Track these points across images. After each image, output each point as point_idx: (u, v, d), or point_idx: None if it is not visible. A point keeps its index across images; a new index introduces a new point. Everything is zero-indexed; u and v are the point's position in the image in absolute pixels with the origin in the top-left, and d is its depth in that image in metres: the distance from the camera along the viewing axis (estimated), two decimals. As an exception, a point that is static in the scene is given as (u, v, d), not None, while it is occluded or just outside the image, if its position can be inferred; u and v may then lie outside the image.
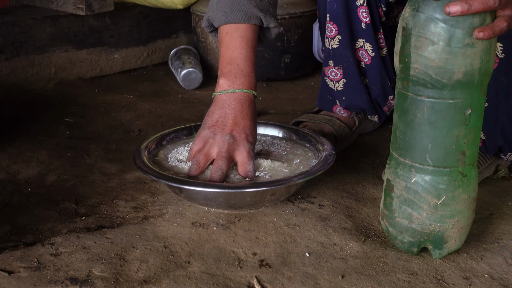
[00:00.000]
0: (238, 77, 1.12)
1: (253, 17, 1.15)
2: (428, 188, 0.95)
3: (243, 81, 1.12)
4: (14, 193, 1.24)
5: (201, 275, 0.97)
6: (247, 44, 1.14)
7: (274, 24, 1.18)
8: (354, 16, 1.35)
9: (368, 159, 1.44)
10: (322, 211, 1.17)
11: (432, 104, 0.91)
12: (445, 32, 0.86)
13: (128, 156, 1.43)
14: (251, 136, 1.11)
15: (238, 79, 1.12)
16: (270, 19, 1.17)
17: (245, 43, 1.14)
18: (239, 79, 1.12)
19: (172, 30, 2.25)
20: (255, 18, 1.16)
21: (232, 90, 1.12)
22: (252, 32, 1.16)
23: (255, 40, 1.17)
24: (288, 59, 2.05)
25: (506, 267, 1.01)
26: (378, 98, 1.46)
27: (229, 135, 1.09)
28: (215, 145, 1.10)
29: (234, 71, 1.13)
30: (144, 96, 1.90)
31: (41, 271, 0.97)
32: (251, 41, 1.15)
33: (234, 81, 1.12)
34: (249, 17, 1.15)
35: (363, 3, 1.33)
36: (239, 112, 1.10)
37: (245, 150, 1.09)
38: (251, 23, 1.15)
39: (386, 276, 0.98)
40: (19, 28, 1.88)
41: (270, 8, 1.18)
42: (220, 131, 1.10)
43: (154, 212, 1.17)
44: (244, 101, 1.12)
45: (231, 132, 1.09)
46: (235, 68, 1.13)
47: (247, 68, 1.13)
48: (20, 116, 1.67)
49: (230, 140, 1.08)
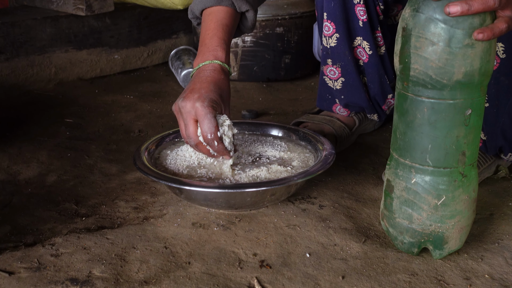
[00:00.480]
0: (204, 54, 1.18)
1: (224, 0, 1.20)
2: (428, 189, 0.95)
3: (208, 56, 1.17)
4: (14, 193, 1.24)
5: (202, 276, 0.97)
6: (215, 23, 1.19)
7: (246, 8, 1.22)
8: (351, 14, 1.35)
9: (368, 159, 1.44)
10: (322, 212, 1.17)
11: (432, 105, 0.91)
12: (445, 33, 0.86)
13: (128, 156, 1.43)
14: (205, 93, 1.10)
15: (204, 55, 1.17)
16: (241, 2, 1.21)
17: (213, 23, 1.20)
18: (205, 55, 1.17)
19: (172, 31, 2.25)
20: (226, 0, 1.20)
21: (198, 67, 1.17)
22: (225, 13, 1.21)
23: (227, 18, 1.21)
24: (288, 60, 2.05)
25: (507, 268, 1.01)
26: (377, 97, 1.46)
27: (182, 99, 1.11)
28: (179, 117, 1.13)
29: (203, 50, 1.18)
30: (144, 97, 1.90)
31: (42, 272, 0.97)
32: (220, 20, 1.20)
33: (202, 58, 1.18)
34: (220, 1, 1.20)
35: (360, 1, 1.33)
36: (197, 79, 1.14)
37: (198, 107, 1.09)
38: (222, 5, 1.20)
39: (387, 276, 0.98)
40: (19, 28, 1.88)
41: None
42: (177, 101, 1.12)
43: (154, 212, 1.17)
44: (206, 69, 1.15)
45: (185, 96, 1.11)
46: (203, 48, 1.19)
47: (213, 44, 1.18)
48: (20, 116, 1.68)
49: (182, 103, 1.10)
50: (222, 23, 1.20)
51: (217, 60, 1.16)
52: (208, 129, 1.08)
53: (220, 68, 1.16)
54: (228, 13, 1.21)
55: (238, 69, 2.04)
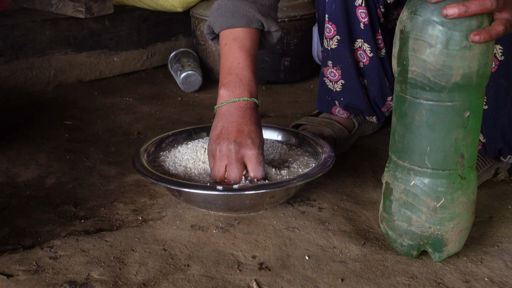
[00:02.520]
0: (237, 87, 1.13)
1: (254, 20, 1.16)
2: (427, 191, 0.95)
3: (243, 90, 1.13)
4: (13, 196, 1.24)
5: (201, 278, 0.97)
6: (245, 54, 1.15)
7: (276, 28, 1.20)
8: (353, 16, 1.35)
9: (368, 162, 1.44)
10: (321, 214, 1.17)
11: (431, 107, 0.91)
12: (443, 35, 0.86)
13: (127, 158, 1.43)
14: (257, 140, 1.10)
15: (238, 88, 1.13)
16: (271, 22, 1.18)
17: (243, 52, 1.15)
18: (239, 88, 1.13)
19: (172, 33, 2.25)
20: (257, 21, 1.17)
21: (232, 100, 1.12)
22: (251, 38, 1.17)
23: (255, 47, 1.18)
24: (288, 62, 2.05)
25: (506, 271, 1.01)
26: (376, 99, 1.46)
27: (234, 142, 1.09)
28: (223, 157, 1.10)
29: (234, 81, 1.13)
30: (144, 99, 1.90)
31: (40, 274, 0.97)
32: (249, 50, 1.16)
33: (234, 90, 1.13)
34: (250, 21, 1.16)
35: (361, 3, 1.33)
36: (241, 119, 1.11)
37: (253, 155, 1.09)
38: (252, 26, 1.16)
39: (386, 279, 0.98)
40: (19, 31, 1.88)
41: (271, 12, 1.19)
42: (225, 141, 1.10)
43: (153, 215, 1.17)
44: (246, 108, 1.12)
45: (235, 139, 1.09)
46: (234, 78, 1.14)
47: (246, 77, 1.14)
48: (19, 119, 1.67)
49: (236, 147, 1.09)
50: (251, 54, 1.15)
51: (254, 98, 1.13)
52: (261, 175, 1.10)
53: (256, 107, 1.14)
54: (255, 39, 1.17)
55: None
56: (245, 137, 1.09)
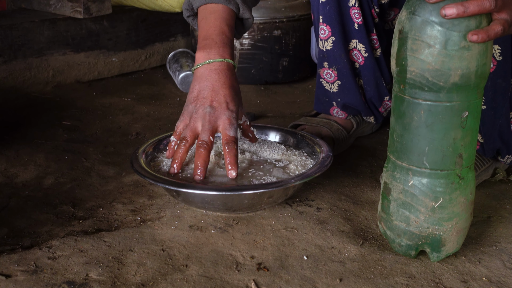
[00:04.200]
0: (212, 48, 1.15)
1: (232, 2, 1.19)
2: (425, 191, 0.95)
3: (218, 51, 1.15)
4: (11, 196, 1.24)
5: (199, 279, 0.97)
6: (221, 22, 1.17)
7: (248, 15, 1.22)
8: (347, 17, 1.36)
9: (366, 162, 1.44)
10: (320, 214, 1.17)
11: (429, 107, 0.91)
12: (441, 35, 0.86)
13: (125, 159, 1.43)
14: (231, 103, 1.13)
15: (213, 50, 1.15)
16: (246, 9, 1.21)
17: (219, 21, 1.18)
18: (214, 50, 1.15)
19: (170, 33, 2.25)
20: (234, 3, 1.19)
21: (207, 62, 1.15)
22: (227, 13, 1.19)
23: (230, 19, 1.19)
24: (286, 62, 2.05)
25: (504, 270, 1.01)
26: (373, 99, 1.46)
27: (209, 106, 1.12)
28: (198, 120, 1.12)
29: (209, 44, 1.16)
30: (142, 99, 1.90)
31: (39, 275, 0.97)
32: (225, 20, 1.18)
33: (209, 52, 1.15)
34: (228, 1, 1.19)
35: (355, 4, 1.34)
36: (216, 82, 1.13)
37: (226, 118, 1.11)
38: (229, 6, 1.19)
39: (384, 279, 0.98)
40: (17, 31, 1.88)
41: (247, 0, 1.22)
42: (201, 104, 1.12)
43: (151, 215, 1.17)
44: (221, 69, 1.14)
45: (210, 103, 1.12)
46: (209, 41, 1.16)
47: (221, 40, 1.16)
48: (17, 119, 1.67)
49: (210, 111, 1.11)
50: (227, 23, 1.18)
51: (229, 59, 1.15)
52: (232, 135, 1.11)
53: (233, 68, 1.16)
54: (231, 15, 1.20)
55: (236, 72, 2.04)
56: (220, 101, 1.12)
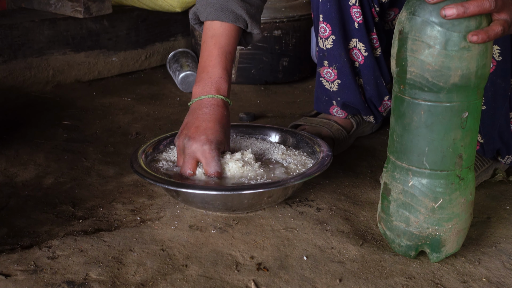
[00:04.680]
0: (207, 84, 1.18)
1: (240, 19, 1.20)
2: (425, 192, 0.95)
3: (211, 87, 1.18)
4: (11, 196, 1.24)
5: (199, 279, 0.97)
6: (219, 51, 1.19)
7: (257, 32, 1.23)
8: (347, 16, 1.36)
9: (366, 162, 1.44)
10: (319, 215, 1.17)
11: (429, 108, 0.91)
12: (441, 36, 0.86)
13: (125, 159, 1.43)
14: (212, 136, 1.13)
15: (207, 85, 1.18)
16: (255, 25, 1.22)
17: (217, 49, 1.19)
18: (208, 86, 1.18)
19: (170, 33, 2.25)
20: (242, 21, 1.20)
21: (199, 98, 1.17)
22: (230, 35, 1.20)
23: (232, 44, 1.21)
24: (286, 62, 2.05)
25: (504, 271, 1.01)
26: (373, 98, 1.46)
27: (187, 138, 1.14)
28: (180, 152, 1.16)
29: (204, 79, 1.18)
30: (142, 99, 1.90)
31: (38, 274, 0.97)
32: (224, 47, 1.19)
33: (203, 88, 1.18)
34: (236, 19, 1.19)
35: (355, 3, 1.34)
36: (203, 116, 1.15)
37: (204, 150, 1.12)
38: (237, 25, 1.20)
39: (384, 279, 0.98)
40: (17, 30, 1.88)
41: (257, 14, 1.23)
42: (182, 137, 1.15)
43: (151, 215, 1.17)
44: (210, 105, 1.16)
45: (190, 135, 1.14)
46: (205, 76, 1.19)
47: (216, 75, 1.18)
48: (17, 119, 1.67)
49: (188, 143, 1.13)
50: (225, 51, 1.19)
51: (220, 95, 1.17)
52: (214, 170, 1.12)
53: (223, 104, 1.17)
54: (234, 36, 1.20)
55: (236, 72, 2.04)
56: (200, 133, 1.13)
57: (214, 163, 1.12)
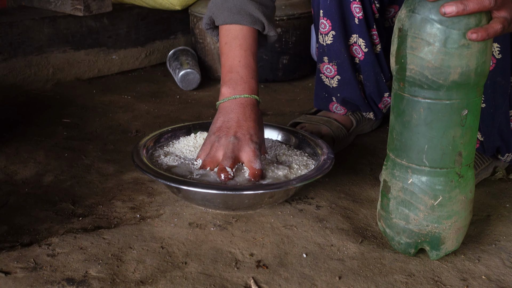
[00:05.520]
0: (238, 84, 1.16)
1: (258, 22, 1.19)
2: (424, 189, 0.95)
3: (244, 87, 1.16)
4: (11, 193, 1.24)
5: (198, 276, 0.97)
6: (246, 52, 1.18)
7: (274, 33, 1.23)
8: (347, 11, 1.36)
9: (366, 160, 1.44)
10: (319, 212, 1.17)
11: (428, 105, 0.91)
12: (441, 33, 0.86)
13: (125, 156, 1.43)
14: (255, 136, 1.13)
15: (239, 85, 1.16)
16: (271, 27, 1.22)
17: (244, 51, 1.18)
18: (240, 86, 1.16)
19: (170, 31, 2.25)
20: (260, 23, 1.20)
21: (233, 97, 1.15)
22: (252, 37, 1.20)
23: (255, 45, 1.20)
24: (286, 60, 2.05)
25: (504, 269, 1.01)
26: (373, 95, 1.46)
27: (233, 136, 1.12)
28: (220, 148, 1.13)
29: (235, 79, 1.17)
30: (142, 97, 1.90)
31: (38, 272, 0.97)
32: (249, 48, 1.19)
33: (235, 88, 1.16)
34: (254, 21, 1.19)
35: None
36: (241, 115, 1.14)
37: (250, 149, 1.12)
38: (255, 27, 1.19)
39: (383, 277, 0.98)
40: (17, 28, 1.88)
41: (272, 16, 1.23)
42: (224, 134, 1.13)
43: (151, 212, 1.17)
44: (246, 105, 1.15)
45: (235, 134, 1.12)
46: (235, 76, 1.17)
47: (247, 75, 1.17)
48: (17, 117, 1.67)
49: (234, 141, 1.12)
50: (252, 52, 1.19)
51: (255, 95, 1.16)
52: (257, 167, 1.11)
53: (257, 104, 1.17)
54: (254, 38, 1.20)
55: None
56: (244, 133, 1.12)
57: (258, 161, 1.11)
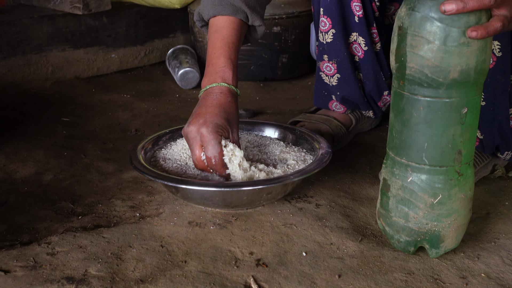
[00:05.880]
0: (211, 75, 1.19)
1: (240, 11, 1.20)
2: (424, 187, 0.95)
3: (215, 77, 1.18)
4: (10, 192, 1.24)
5: (198, 274, 0.97)
6: (222, 42, 1.19)
7: (259, 23, 1.23)
8: (348, 10, 1.36)
9: (365, 158, 1.44)
10: (319, 211, 1.17)
11: (428, 103, 0.91)
12: (441, 31, 0.86)
13: (125, 155, 1.43)
14: (210, 119, 1.11)
15: (212, 76, 1.18)
16: (255, 16, 1.22)
17: (220, 41, 1.20)
18: (212, 76, 1.18)
19: (170, 30, 2.25)
20: (242, 12, 1.21)
21: (205, 88, 1.18)
22: (232, 27, 1.21)
23: (233, 35, 1.21)
24: (286, 59, 2.05)
25: (503, 267, 1.01)
26: (372, 93, 1.46)
27: (188, 123, 1.13)
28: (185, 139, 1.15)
29: (210, 71, 1.19)
30: (141, 96, 1.90)
31: (38, 270, 0.97)
32: (226, 38, 1.20)
33: (208, 79, 1.19)
34: (236, 11, 1.20)
35: None
36: (205, 103, 1.15)
37: (203, 134, 1.10)
38: (237, 17, 1.20)
39: (383, 275, 0.98)
40: (16, 27, 1.88)
41: (257, 7, 1.23)
42: (186, 125, 1.14)
43: (150, 211, 1.17)
44: (214, 92, 1.16)
45: (191, 122, 1.12)
46: (210, 68, 1.20)
47: (220, 65, 1.18)
48: (17, 115, 1.67)
49: (189, 129, 1.12)
50: (228, 41, 1.19)
51: (224, 83, 1.16)
52: (211, 154, 1.10)
53: (227, 91, 1.17)
54: (236, 28, 1.21)
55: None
56: (199, 118, 1.12)
57: (211, 146, 1.09)
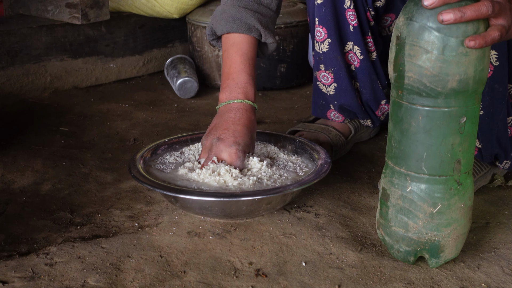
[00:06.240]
0: (233, 90, 1.21)
1: (253, 29, 1.23)
2: (423, 197, 0.95)
3: (238, 92, 1.21)
4: (8, 202, 1.24)
5: (197, 285, 0.97)
6: (242, 57, 1.23)
7: (272, 40, 1.26)
8: (342, 19, 1.37)
9: (364, 168, 1.44)
10: (318, 220, 1.17)
11: (427, 113, 0.91)
12: (439, 41, 0.86)
13: (123, 165, 1.42)
14: (240, 138, 1.16)
15: (234, 91, 1.21)
16: (268, 34, 1.25)
17: (240, 56, 1.22)
18: (235, 91, 1.21)
19: (168, 40, 2.25)
20: (256, 31, 1.23)
21: (227, 102, 1.20)
22: (249, 44, 1.24)
23: (252, 51, 1.24)
24: (284, 69, 2.05)
25: (503, 276, 1.01)
26: (369, 102, 1.47)
27: (216, 138, 1.17)
28: (205, 150, 1.19)
29: (231, 85, 1.22)
30: (140, 105, 1.90)
31: (36, 281, 0.96)
32: (246, 54, 1.23)
33: (230, 93, 1.21)
34: (250, 29, 1.23)
35: (350, 6, 1.35)
36: (231, 119, 1.18)
37: (232, 150, 1.15)
38: (251, 35, 1.23)
39: (383, 285, 0.97)
40: (15, 37, 1.88)
41: (269, 24, 1.26)
42: (210, 136, 1.18)
43: (149, 221, 1.17)
44: (238, 109, 1.20)
45: (219, 136, 1.17)
46: (231, 82, 1.22)
47: (242, 81, 1.22)
48: (15, 125, 1.67)
49: (216, 142, 1.16)
50: (248, 57, 1.23)
51: (248, 100, 1.20)
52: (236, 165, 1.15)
53: (250, 109, 1.21)
54: (252, 44, 1.24)
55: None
56: (229, 135, 1.16)
57: (239, 163, 1.15)
